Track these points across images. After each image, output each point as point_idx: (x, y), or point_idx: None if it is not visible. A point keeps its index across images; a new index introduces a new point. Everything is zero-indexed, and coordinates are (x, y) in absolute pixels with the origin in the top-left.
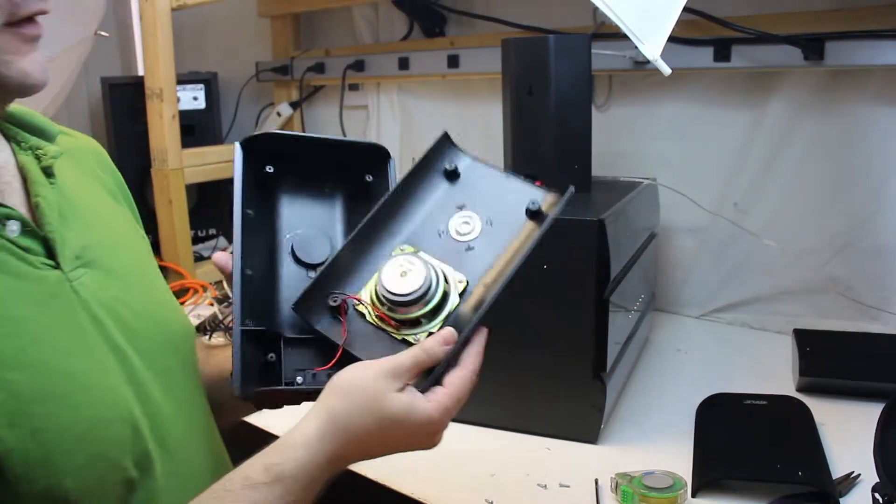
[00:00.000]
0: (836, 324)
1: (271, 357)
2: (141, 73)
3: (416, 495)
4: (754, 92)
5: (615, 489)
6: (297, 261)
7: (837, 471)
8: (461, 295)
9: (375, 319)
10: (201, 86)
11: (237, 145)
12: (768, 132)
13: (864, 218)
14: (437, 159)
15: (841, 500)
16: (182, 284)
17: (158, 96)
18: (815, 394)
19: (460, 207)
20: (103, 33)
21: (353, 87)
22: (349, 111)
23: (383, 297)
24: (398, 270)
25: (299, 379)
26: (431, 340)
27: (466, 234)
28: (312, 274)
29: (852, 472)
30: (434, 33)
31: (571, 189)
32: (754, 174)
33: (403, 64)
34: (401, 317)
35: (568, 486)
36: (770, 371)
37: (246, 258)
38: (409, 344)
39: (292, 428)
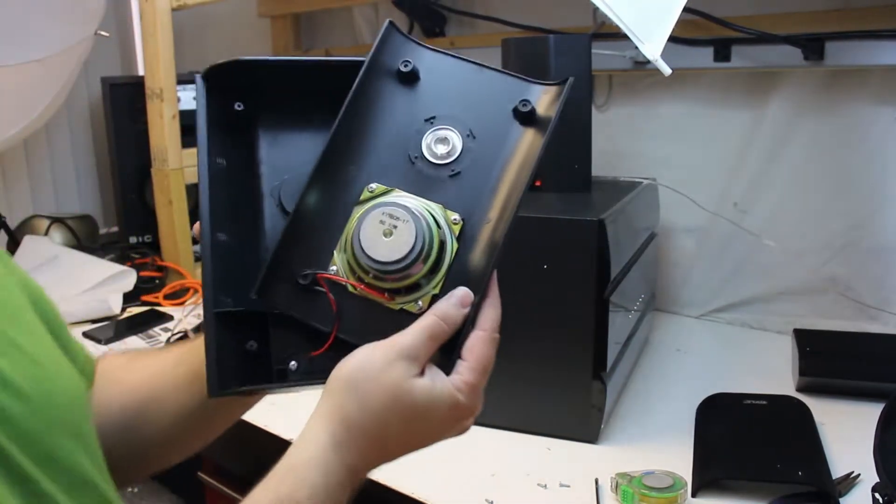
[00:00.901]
0: (836, 324)
1: (252, 346)
2: (141, 73)
3: (416, 495)
4: (754, 92)
5: (615, 489)
6: (288, 215)
7: (837, 471)
8: (458, 238)
9: (361, 292)
10: None
11: (198, 78)
12: (768, 132)
13: (864, 218)
14: (387, 60)
15: (841, 500)
16: (182, 284)
17: (158, 96)
18: (815, 394)
19: (430, 120)
20: (103, 33)
21: None
22: None
23: (368, 266)
24: (379, 230)
25: (293, 364)
26: (445, 303)
27: (446, 154)
28: None
29: (852, 472)
30: (434, 33)
31: (571, 79)
32: (754, 174)
33: None
34: (394, 285)
35: (568, 486)
36: (770, 371)
37: (218, 220)
38: (411, 314)
39: (298, 440)
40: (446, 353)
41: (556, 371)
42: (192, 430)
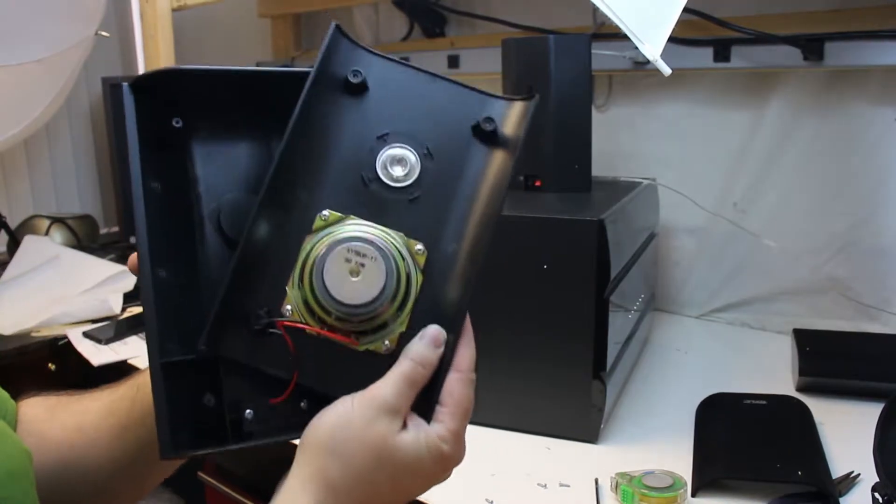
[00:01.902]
0: (836, 324)
1: (209, 400)
2: (141, 73)
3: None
4: (754, 92)
5: (615, 489)
6: (229, 241)
7: (837, 471)
8: (423, 270)
9: (322, 334)
10: None
11: (126, 88)
12: (768, 132)
13: (864, 218)
14: (334, 69)
15: (841, 499)
16: None
17: None
18: (815, 394)
19: (383, 138)
20: (103, 33)
21: None
22: None
23: (333, 308)
24: (345, 269)
25: (248, 413)
26: (419, 345)
27: (403, 177)
28: None
29: (852, 472)
30: (434, 34)
31: (536, 95)
32: (754, 174)
33: None
34: (359, 327)
35: (568, 486)
36: (770, 371)
37: (157, 254)
38: (377, 355)
39: None
40: (424, 397)
41: (556, 371)
42: (127, 484)
